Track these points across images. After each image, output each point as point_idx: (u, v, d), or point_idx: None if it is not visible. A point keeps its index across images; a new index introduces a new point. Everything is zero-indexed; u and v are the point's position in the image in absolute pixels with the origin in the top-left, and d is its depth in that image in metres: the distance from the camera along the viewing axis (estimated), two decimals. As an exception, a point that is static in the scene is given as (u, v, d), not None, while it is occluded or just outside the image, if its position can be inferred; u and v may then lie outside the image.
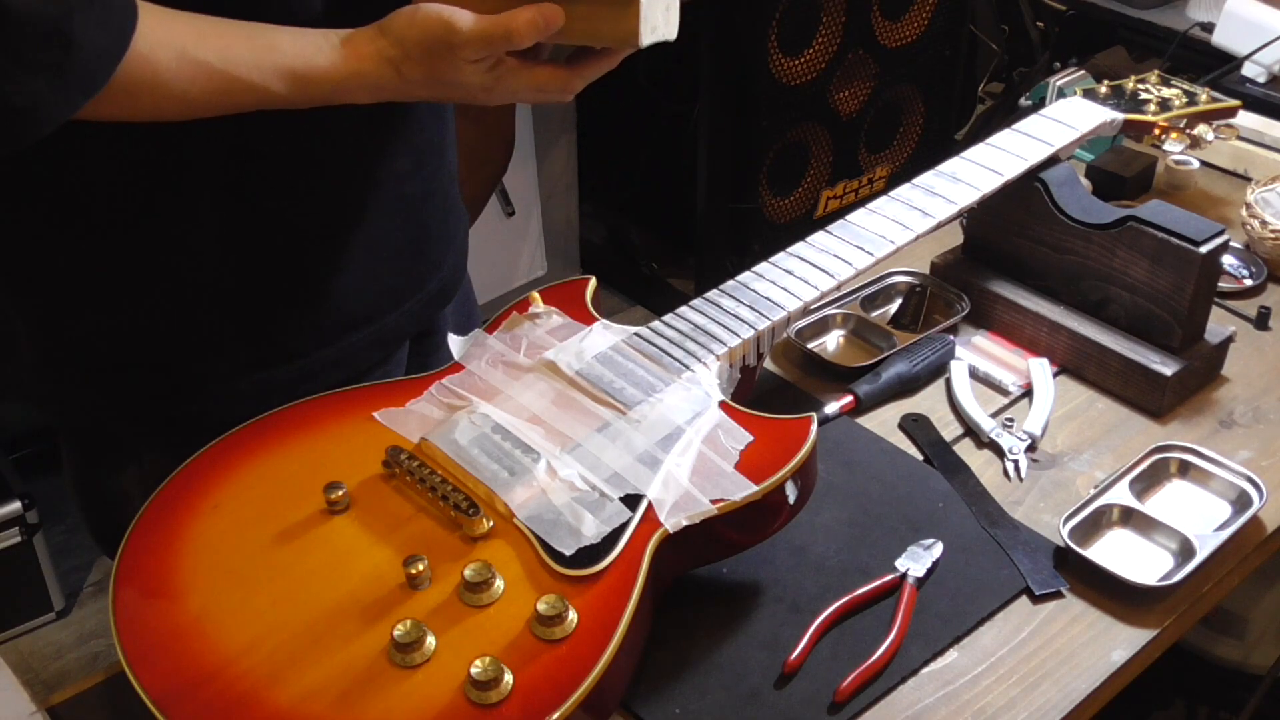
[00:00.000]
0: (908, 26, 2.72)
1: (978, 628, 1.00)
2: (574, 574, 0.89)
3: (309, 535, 0.92)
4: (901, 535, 1.07)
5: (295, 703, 0.82)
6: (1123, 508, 1.10)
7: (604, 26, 0.93)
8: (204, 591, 0.88)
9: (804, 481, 0.98)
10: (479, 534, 0.91)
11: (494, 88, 0.95)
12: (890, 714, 0.94)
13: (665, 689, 0.95)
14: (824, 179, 2.77)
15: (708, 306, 1.10)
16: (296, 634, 0.86)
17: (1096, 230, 1.22)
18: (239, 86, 0.90)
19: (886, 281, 1.36)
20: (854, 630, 0.99)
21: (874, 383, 1.23)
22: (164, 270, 1.01)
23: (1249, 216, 1.41)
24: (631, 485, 0.94)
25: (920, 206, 1.19)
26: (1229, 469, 1.13)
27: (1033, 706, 0.95)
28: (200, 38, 0.88)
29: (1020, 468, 1.15)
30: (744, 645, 0.98)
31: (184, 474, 0.96)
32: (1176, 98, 1.41)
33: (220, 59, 0.88)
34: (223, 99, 0.90)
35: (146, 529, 0.92)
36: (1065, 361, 1.26)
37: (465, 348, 1.09)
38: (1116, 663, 0.98)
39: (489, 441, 0.97)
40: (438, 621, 0.86)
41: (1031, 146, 1.26)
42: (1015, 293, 1.29)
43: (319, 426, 1.01)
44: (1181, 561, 1.05)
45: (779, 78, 2.54)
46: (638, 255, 3.01)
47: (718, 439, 0.98)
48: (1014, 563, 1.05)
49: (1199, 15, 2.23)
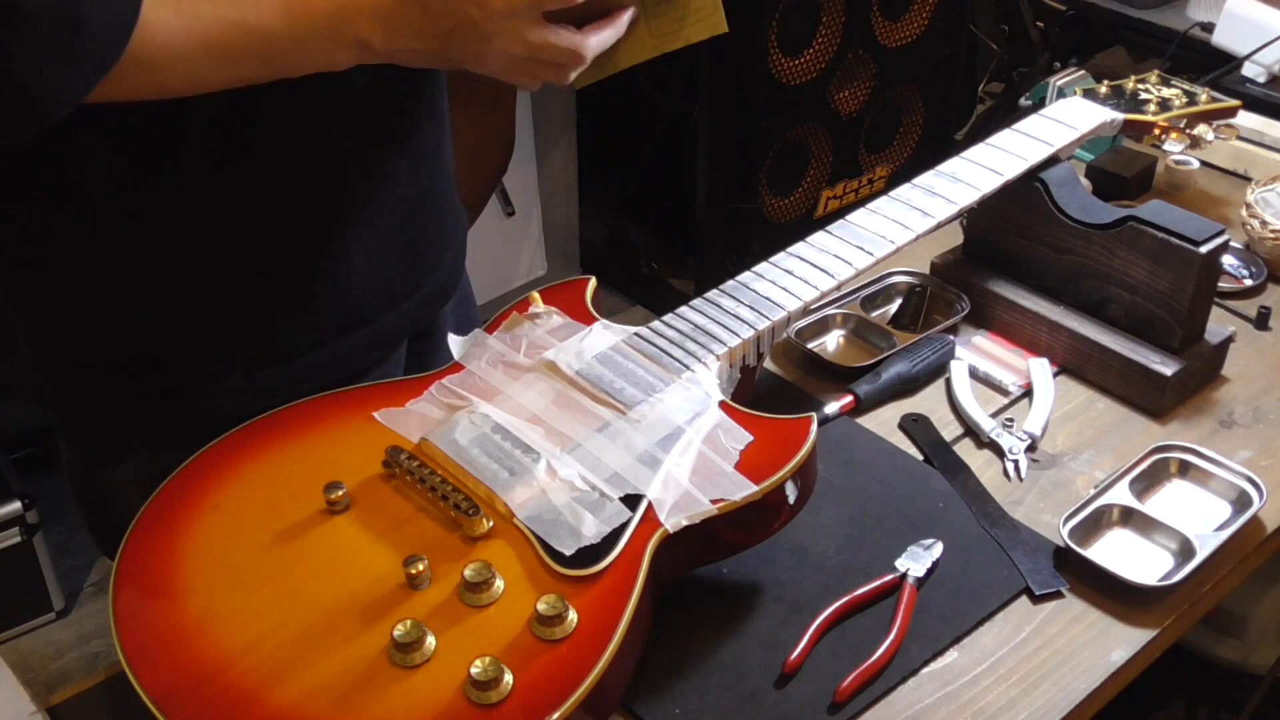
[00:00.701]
0: (908, 26, 2.72)
1: (978, 628, 1.00)
2: (574, 574, 0.89)
3: (309, 535, 0.92)
4: (901, 535, 1.07)
5: (295, 703, 0.82)
6: (1123, 508, 1.10)
7: None
8: (204, 591, 0.88)
9: (804, 481, 0.98)
10: (479, 534, 0.91)
11: (499, 36, 0.92)
12: (890, 714, 0.94)
13: (665, 689, 0.95)
14: (824, 179, 2.77)
15: (708, 306, 1.10)
16: (296, 634, 0.86)
17: (1096, 230, 1.22)
18: (237, 34, 0.89)
19: (886, 281, 1.36)
20: (854, 630, 0.99)
21: (874, 383, 1.23)
22: (159, 267, 1.00)
23: (1249, 216, 1.41)
24: (631, 485, 0.94)
25: (920, 206, 1.19)
26: (1229, 469, 1.13)
27: (1033, 706, 0.95)
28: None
29: (1020, 468, 1.15)
30: (744, 645, 0.98)
31: (184, 474, 0.96)
32: (1176, 98, 1.41)
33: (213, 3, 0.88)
34: (224, 55, 0.89)
35: (146, 529, 0.92)
36: (1065, 361, 1.26)
37: (465, 348, 1.09)
38: (1116, 663, 0.98)
39: (489, 441, 0.97)
40: (438, 621, 0.86)
41: (1031, 146, 1.26)
42: (1015, 293, 1.29)
43: (319, 426, 1.01)
44: (1181, 561, 1.05)
45: (779, 78, 2.54)
46: (638, 255, 3.01)
47: (718, 439, 0.98)
48: (1014, 563, 1.05)
49: (1199, 15, 2.23)
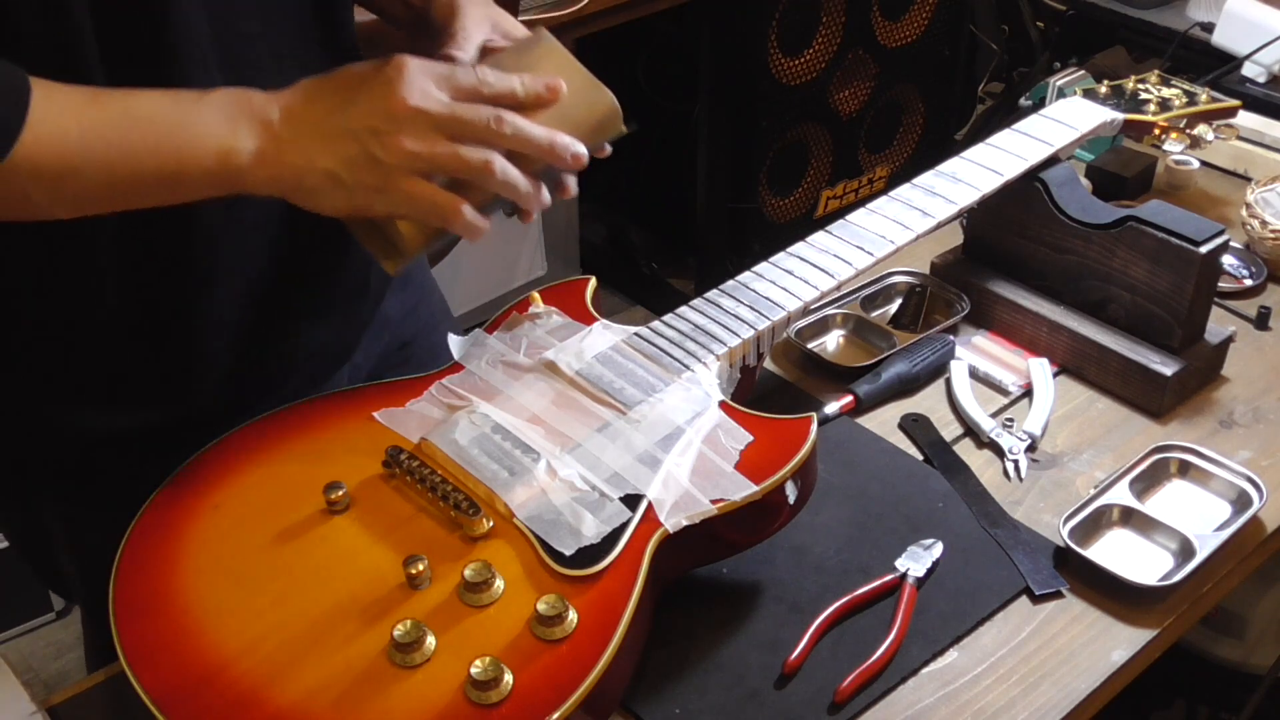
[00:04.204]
0: (908, 26, 2.72)
1: (978, 628, 1.00)
2: (574, 574, 0.89)
3: (309, 535, 0.92)
4: (901, 535, 1.07)
5: (295, 703, 0.82)
6: (1123, 508, 1.10)
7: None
8: (204, 591, 0.88)
9: (804, 481, 0.98)
10: (479, 534, 0.91)
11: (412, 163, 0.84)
12: (890, 714, 0.94)
13: (665, 689, 0.95)
14: (824, 179, 2.77)
15: (708, 306, 1.10)
16: (297, 634, 0.86)
17: (1096, 230, 1.22)
18: (125, 120, 0.83)
19: (886, 281, 1.36)
20: (854, 630, 0.99)
21: (874, 383, 1.23)
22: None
23: (1249, 216, 1.41)
24: (631, 485, 0.94)
25: (920, 206, 1.19)
26: (1229, 469, 1.13)
27: (1033, 706, 0.95)
28: (92, 100, 0.83)
29: (1020, 468, 1.15)
30: (744, 645, 0.98)
31: (184, 474, 0.96)
32: (1176, 98, 1.41)
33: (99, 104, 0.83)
34: (109, 149, 0.83)
35: (146, 529, 0.92)
36: (1065, 361, 1.26)
37: (465, 348, 1.09)
38: (1116, 663, 0.98)
39: (489, 441, 0.97)
40: (438, 621, 0.86)
41: (1031, 146, 1.26)
42: (1015, 293, 1.29)
43: (319, 426, 1.01)
44: (1181, 561, 1.05)
45: (779, 78, 2.54)
46: (638, 255, 3.01)
47: (718, 439, 0.98)
48: (1014, 563, 1.05)
49: (1199, 15, 2.23)
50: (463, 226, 0.87)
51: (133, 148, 0.83)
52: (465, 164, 0.86)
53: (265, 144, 0.84)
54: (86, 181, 0.83)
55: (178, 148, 0.84)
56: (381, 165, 0.84)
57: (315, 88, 0.87)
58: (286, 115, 0.85)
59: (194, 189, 0.86)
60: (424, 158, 0.85)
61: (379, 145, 0.84)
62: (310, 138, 0.85)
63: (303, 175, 0.85)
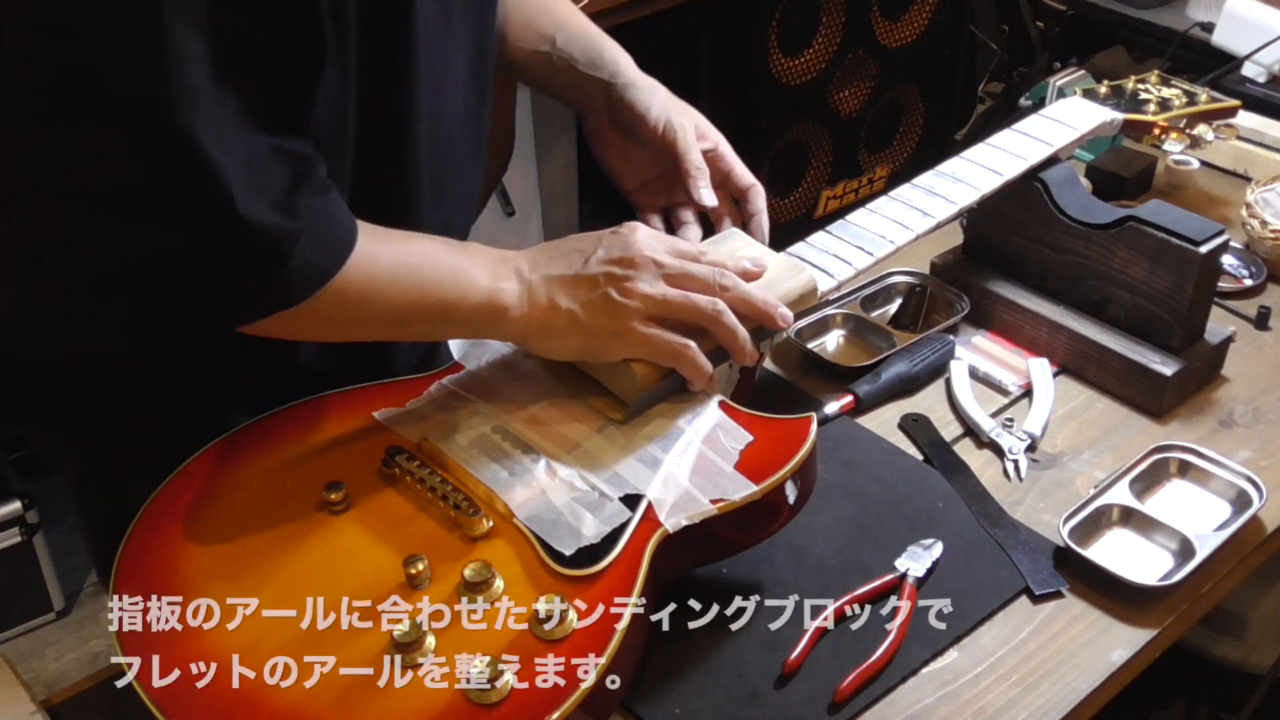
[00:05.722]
0: (908, 26, 2.72)
1: (978, 628, 1.00)
2: (574, 574, 0.89)
3: (309, 535, 0.92)
4: (901, 535, 1.07)
5: (295, 703, 0.82)
6: (1123, 508, 1.10)
7: None
8: (204, 591, 0.88)
9: (804, 481, 0.98)
10: (479, 534, 0.91)
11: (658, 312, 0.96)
12: (890, 714, 0.94)
13: (665, 689, 0.95)
14: (824, 179, 2.77)
15: (708, 306, 1.11)
16: (296, 634, 0.86)
17: (1096, 230, 1.22)
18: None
19: (886, 281, 1.36)
20: (854, 630, 0.99)
21: (874, 383, 1.22)
22: None
23: (1249, 216, 1.41)
24: (631, 485, 0.94)
25: (920, 206, 1.19)
26: (1229, 469, 1.13)
27: (1033, 706, 0.95)
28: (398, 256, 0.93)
29: (1020, 468, 1.15)
30: (744, 645, 0.98)
31: (184, 474, 0.96)
32: (1176, 98, 1.41)
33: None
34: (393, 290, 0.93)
35: (146, 529, 0.92)
36: (1065, 361, 1.26)
37: (465, 348, 1.09)
38: (1116, 663, 0.98)
39: (489, 441, 0.97)
40: (438, 621, 0.86)
41: (1031, 146, 1.26)
42: (1015, 293, 1.29)
43: (319, 426, 1.01)
44: (1181, 561, 1.05)
45: (779, 78, 2.54)
46: (638, 255, 3.00)
47: (717, 439, 0.98)
48: (1014, 563, 1.05)
49: (1199, 15, 2.23)
50: (689, 365, 0.97)
51: (423, 282, 0.94)
52: (697, 309, 0.97)
53: (522, 288, 0.96)
54: (379, 308, 0.93)
55: (458, 285, 0.95)
56: (618, 308, 0.95)
57: (554, 246, 0.99)
58: (533, 265, 0.97)
59: (457, 326, 0.97)
60: (658, 301, 0.96)
61: (617, 289, 0.95)
62: (556, 284, 0.96)
63: (550, 316, 0.96)
